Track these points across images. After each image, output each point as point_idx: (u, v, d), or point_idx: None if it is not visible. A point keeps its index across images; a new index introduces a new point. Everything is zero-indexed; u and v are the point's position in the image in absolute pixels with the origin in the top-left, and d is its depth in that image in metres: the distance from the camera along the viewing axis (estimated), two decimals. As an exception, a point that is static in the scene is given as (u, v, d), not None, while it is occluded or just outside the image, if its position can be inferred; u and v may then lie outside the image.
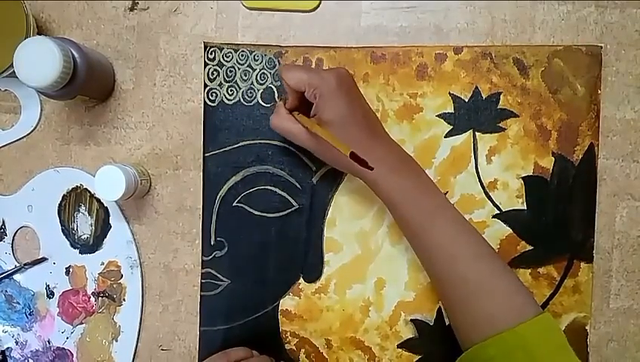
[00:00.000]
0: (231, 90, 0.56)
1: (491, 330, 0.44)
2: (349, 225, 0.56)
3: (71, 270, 0.58)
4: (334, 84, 0.47)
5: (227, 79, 0.56)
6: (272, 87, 0.56)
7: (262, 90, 0.56)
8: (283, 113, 0.49)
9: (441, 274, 0.48)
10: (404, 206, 0.48)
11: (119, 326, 0.57)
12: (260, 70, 0.56)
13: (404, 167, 0.49)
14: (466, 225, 0.48)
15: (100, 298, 0.57)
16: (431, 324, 0.55)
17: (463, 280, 0.46)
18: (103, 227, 0.57)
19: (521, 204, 0.55)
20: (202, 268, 0.56)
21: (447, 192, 0.55)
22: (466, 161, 0.55)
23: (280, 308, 0.56)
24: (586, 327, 0.54)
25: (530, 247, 0.55)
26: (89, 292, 0.57)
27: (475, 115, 0.55)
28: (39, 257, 0.58)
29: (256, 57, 0.56)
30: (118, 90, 0.57)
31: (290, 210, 0.56)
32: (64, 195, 0.57)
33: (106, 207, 0.57)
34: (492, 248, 0.48)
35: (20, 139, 0.58)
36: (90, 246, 0.57)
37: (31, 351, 0.58)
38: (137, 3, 0.57)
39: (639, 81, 0.54)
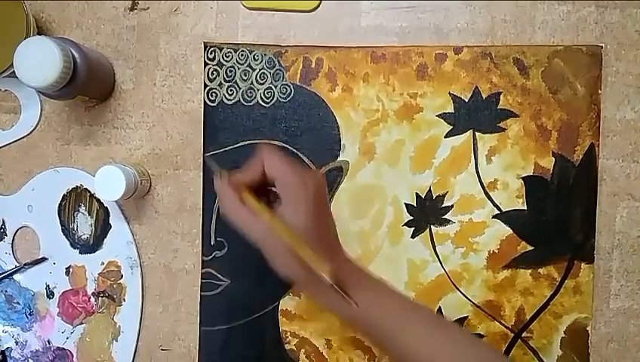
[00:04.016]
0: (231, 90, 0.56)
1: None
2: (349, 225, 0.56)
3: (71, 270, 0.58)
4: (312, 197, 0.43)
5: (227, 79, 0.56)
6: (272, 87, 0.56)
7: (262, 90, 0.56)
8: (232, 197, 0.43)
9: None
10: (370, 319, 0.44)
11: (119, 326, 0.57)
12: (260, 70, 0.56)
13: (360, 282, 0.45)
14: (439, 321, 0.48)
15: (100, 298, 0.57)
16: (431, 324, 0.55)
17: None
18: (103, 227, 0.57)
19: (521, 204, 0.55)
20: (202, 268, 0.56)
21: (448, 192, 0.55)
22: (466, 161, 0.55)
23: (280, 308, 0.56)
24: (587, 328, 0.54)
25: (531, 248, 0.55)
26: (89, 293, 0.57)
27: (475, 115, 0.55)
28: (39, 257, 0.58)
29: (256, 57, 0.56)
30: (118, 90, 0.57)
31: (290, 210, 0.56)
32: (64, 195, 0.57)
33: (106, 207, 0.57)
34: (470, 336, 0.48)
35: (20, 139, 0.58)
36: (90, 247, 0.57)
37: (31, 351, 0.58)
38: (137, 3, 0.57)
39: (639, 81, 0.54)
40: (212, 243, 0.56)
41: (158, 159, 0.57)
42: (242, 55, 0.56)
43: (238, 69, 0.56)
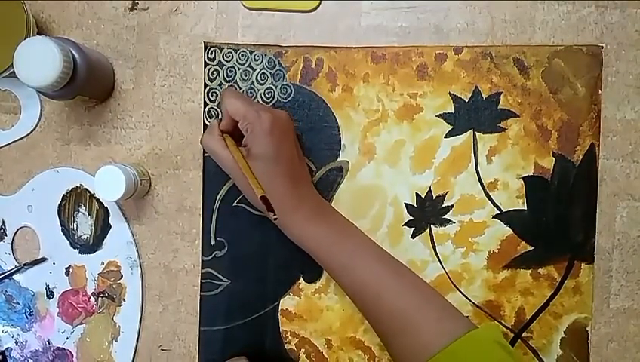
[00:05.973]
0: (231, 90, 0.56)
1: (425, 357, 0.44)
2: (349, 225, 0.56)
3: (71, 270, 0.58)
4: (267, 126, 0.48)
5: (227, 79, 0.56)
6: (273, 87, 0.56)
7: (262, 91, 0.56)
8: (215, 134, 0.50)
9: (368, 311, 0.49)
10: (322, 251, 0.50)
11: (119, 326, 0.57)
12: (260, 70, 0.56)
13: (318, 215, 0.51)
14: (389, 260, 0.50)
15: (99, 298, 0.57)
16: (431, 324, 0.55)
17: (390, 315, 0.47)
18: (102, 227, 0.57)
19: (521, 204, 0.55)
20: (202, 268, 0.56)
21: (448, 192, 0.55)
22: (466, 161, 0.55)
23: (280, 307, 0.56)
24: (587, 328, 0.54)
25: (531, 248, 0.55)
26: (89, 293, 0.57)
27: (476, 115, 0.55)
28: (39, 257, 0.58)
29: (256, 57, 0.56)
30: (118, 90, 0.57)
31: (290, 210, 0.56)
32: (64, 195, 0.57)
33: (106, 207, 0.57)
34: (418, 278, 0.50)
35: (20, 139, 0.58)
36: (90, 247, 0.57)
37: (31, 352, 0.58)
38: (137, 3, 0.57)
39: (639, 81, 0.54)
40: (212, 243, 0.56)
41: (158, 159, 0.57)
42: (243, 55, 0.56)
43: (239, 69, 0.56)
